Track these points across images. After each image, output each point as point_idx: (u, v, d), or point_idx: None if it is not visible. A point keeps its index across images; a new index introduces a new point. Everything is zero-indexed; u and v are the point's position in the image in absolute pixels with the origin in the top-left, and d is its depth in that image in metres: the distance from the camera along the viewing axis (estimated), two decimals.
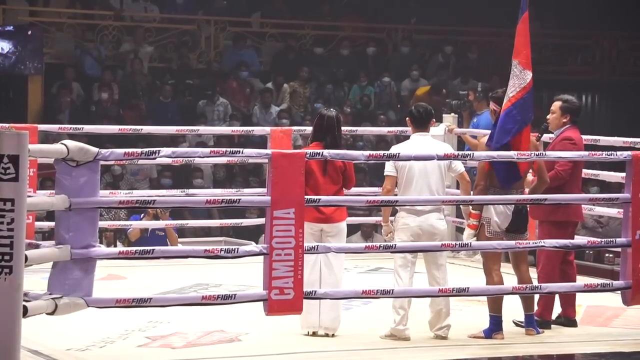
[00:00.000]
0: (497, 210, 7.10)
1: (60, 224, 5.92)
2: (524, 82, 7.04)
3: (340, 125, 7.27)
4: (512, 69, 7.08)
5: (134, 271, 9.30)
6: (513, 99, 7.04)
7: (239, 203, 6.44)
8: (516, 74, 7.06)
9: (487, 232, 7.12)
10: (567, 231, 7.37)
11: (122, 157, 6.15)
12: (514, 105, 7.03)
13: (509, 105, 7.05)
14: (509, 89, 7.08)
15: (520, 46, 7.08)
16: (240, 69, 16.15)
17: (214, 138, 14.61)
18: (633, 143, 8.85)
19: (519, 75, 7.05)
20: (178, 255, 7.50)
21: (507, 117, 7.04)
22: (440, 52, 17.76)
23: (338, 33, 17.70)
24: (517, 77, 7.06)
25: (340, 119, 7.31)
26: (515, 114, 7.03)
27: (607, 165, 11.55)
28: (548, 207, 7.22)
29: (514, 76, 7.07)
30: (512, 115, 7.04)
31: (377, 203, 7.06)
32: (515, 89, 7.05)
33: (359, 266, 9.79)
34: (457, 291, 6.85)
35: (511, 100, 7.05)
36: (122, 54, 16.12)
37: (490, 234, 7.11)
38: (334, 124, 7.22)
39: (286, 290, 6.27)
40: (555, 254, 7.35)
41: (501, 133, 7.06)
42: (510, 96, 7.06)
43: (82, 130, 9.92)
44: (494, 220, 7.11)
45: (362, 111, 16.24)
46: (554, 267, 7.40)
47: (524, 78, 7.04)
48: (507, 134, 7.03)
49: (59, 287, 5.89)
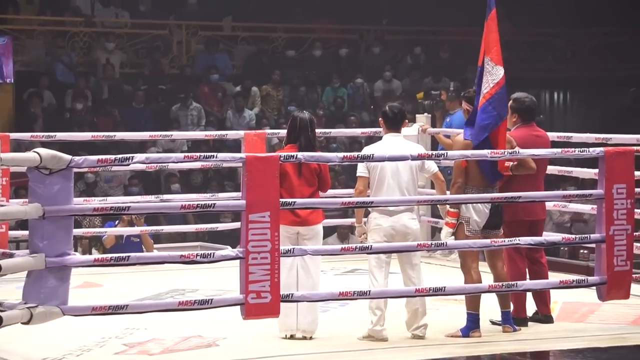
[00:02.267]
0: (476, 209, 7.12)
1: (35, 233, 5.89)
2: (497, 77, 7.08)
3: (313, 127, 7.28)
4: (484, 66, 7.11)
5: (110, 278, 9.26)
6: (487, 95, 7.08)
7: (214, 207, 6.42)
8: (488, 71, 7.09)
9: (467, 230, 7.14)
10: (518, 230, 7.24)
11: (96, 164, 6.13)
12: (488, 101, 7.07)
13: (484, 101, 7.08)
14: (482, 86, 7.11)
15: (490, 43, 7.11)
16: (210, 73, 16.12)
17: (189, 143, 14.59)
18: (605, 139, 8.89)
19: (492, 72, 7.09)
20: (154, 261, 7.47)
21: (484, 113, 7.07)
22: (412, 53, 17.80)
23: (310, 35, 17.71)
24: (489, 74, 7.09)
25: (313, 120, 7.32)
26: (491, 109, 7.07)
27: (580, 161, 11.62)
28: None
29: (486, 73, 7.10)
30: (488, 110, 7.07)
31: (352, 204, 7.07)
32: (489, 84, 7.08)
33: (335, 268, 9.80)
34: (433, 290, 6.86)
35: (485, 97, 7.08)
36: (93, 60, 16.07)
37: (470, 233, 7.13)
38: (307, 125, 7.22)
39: (263, 293, 6.27)
40: (514, 252, 7.37)
41: (479, 129, 7.08)
42: (484, 92, 7.09)
43: (54, 138, 9.87)
44: (473, 219, 7.13)
45: (336, 113, 16.26)
46: (517, 265, 7.41)
47: (496, 74, 7.08)
48: (485, 130, 7.06)
49: (34, 296, 5.86)
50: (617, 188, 6.93)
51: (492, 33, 7.11)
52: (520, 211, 7.34)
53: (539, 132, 7.59)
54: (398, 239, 7.13)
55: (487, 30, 7.12)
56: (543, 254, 7.62)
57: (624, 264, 6.98)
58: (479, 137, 7.09)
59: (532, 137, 7.46)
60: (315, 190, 7.16)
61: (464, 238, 7.12)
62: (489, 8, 7.12)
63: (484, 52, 7.13)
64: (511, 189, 7.17)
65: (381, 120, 7.39)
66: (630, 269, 7.02)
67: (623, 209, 6.95)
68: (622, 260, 6.97)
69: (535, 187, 7.36)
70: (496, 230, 7.21)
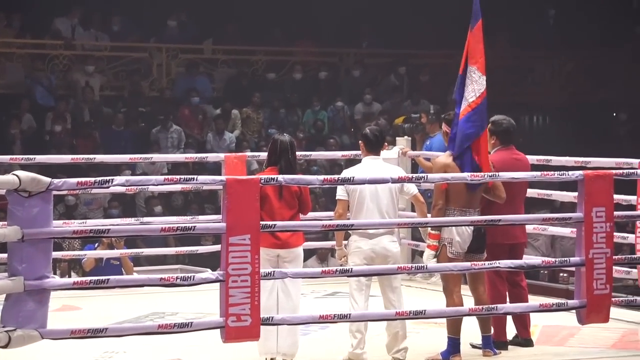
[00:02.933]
0: (459, 231, 7.12)
1: (13, 256, 5.86)
2: (482, 87, 7.09)
3: (294, 150, 7.28)
4: (470, 75, 7.08)
5: (89, 301, 9.22)
6: (473, 104, 7.07)
7: (194, 230, 6.41)
8: (475, 80, 7.08)
9: (449, 252, 7.13)
10: (498, 254, 7.23)
11: (75, 187, 6.12)
12: (474, 110, 7.07)
13: (469, 110, 7.07)
14: (467, 94, 7.08)
15: (476, 53, 7.10)
16: (191, 95, 16.12)
17: (169, 165, 14.57)
18: (584, 162, 8.93)
19: (478, 81, 7.08)
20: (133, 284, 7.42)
21: (468, 121, 7.06)
22: (393, 76, 17.86)
23: (290, 58, 17.75)
24: (476, 83, 7.08)
25: (293, 143, 7.32)
26: (476, 119, 7.07)
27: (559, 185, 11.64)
28: None
29: (472, 82, 7.08)
30: (473, 120, 7.07)
31: (332, 227, 7.06)
32: (475, 94, 7.08)
33: (315, 291, 9.78)
34: (414, 314, 6.85)
35: (471, 106, 7.07)
36: (73, 82, 16.04)
37: (453, 255, 7.12)
38: (287, 148, 7.22)
39: (243, 316, 6.25)
40: (495, 276, 7.37)
41: (463, 138, 7.07)
42: (470, 101, 7.07)
43: (34, 161, 9.84)
44: (456, 240, 7.11)
45: (316, 136, 16.28)
46: (497, 289, 7.41)
47: (482, 83, 7.09)
48: (469, 139, 7.06)
49: (13, 320, 5.83)
50: (596, 211, 6.95)
51: (478, 43, 7.11)
52: (500, 234, 7.34)
53: (518, 155, 7.60)
54: (378, 261, 7.13)
55: (472, 39, 7.11)
56: (523, 277, 7.63)
57: (603, 287, 6.99)
58: (463, 145, 7.08)
59: (511, 160, 7.48)
60: (296, 212, 7.15)
61: (447, 260, 7.10)
62: (475, 18, 7.12)
63: (469, 61, 7.11)
64: (490, 212, 7.18)
65: (361, 143, 7.40)
66: (610, 292, 7.03)
67: (602, 233, 6.96)
68: (601, 283, 6.98)
69: (514, 210, 7.37)
70: (480, 254, 7.20)
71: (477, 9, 7.12)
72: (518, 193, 7.45)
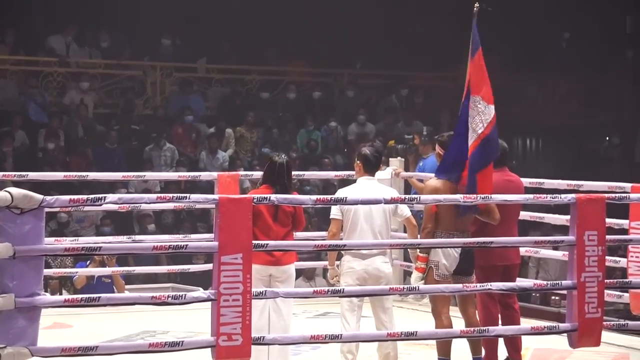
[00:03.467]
0: (445, 254, 7.12)
1: (4, 273, 5.84)
2: (490, 116, 7.05)
3: (290, 172, 7.29)
4: (474, 105, 7.04)
5: (80, 319, 9.19)
6: (482, 135, 7.03)
7: (186, 249, 6.40)
8: (481, 110, 7.03)
9: (436, 275, 7.14)
10: (495, 276, 7.26)
11: (68, 204, 6.10)
12: (483, 140, 7.04)
13: (479, 141, 7.04)
14: (475, 126, 7.04)
15: (479, 82, 7.05)
16: (184, 113, 16.13)
17: (161, 184, 14.56)
18: (577, 186, 8.94)
19: (485, 111, 7.03)
20: (125, 302, 7.43)
21: (477, 154, 7.03)
22: (386, 96, 17.90)
23: (284, 78, 17.78)
24: (482, 113, 7.02)
25: (290, 165, 7.33)
26: (486, 149, 7.03)
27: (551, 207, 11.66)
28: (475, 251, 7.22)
29: (479, 113, 7.02)
30: (483, 151, 7.03)
31: (324, 247, 7.06)
32: (483, 124, 7.03)
33: (307, 311, 9.77)
34: (405, 335, 6.84)
35: (480, 137, 7.03)
36: (66, 100, 16.05)
37: (439, 277, 7.13)
38: (284, 171, 7.23)
39: (234, 336, 6.24)
40: (487, 298, 7.36)
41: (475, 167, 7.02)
42: (479, 132, 7.04)
43: (26, 178, 9.82)
44: (442, 263, 7.13)
45: (309, 155, 16.29)
46: (489, 311, 7.41)
47: (489, 113, 7.04)
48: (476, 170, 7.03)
49: (3, 337, 5.80)
50: (588, 235, 6.94)
51: (481, 71, 7.05)
52: (495, 256, 7.34)
53: (512, 177, 7.61)
54: (371, 282, 7.13)
55: (474, 68, 7.05)
56: (516, 300, 7.62)
57: (595, 311, 6.98)
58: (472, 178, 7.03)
59: (504, 182, 7.48)
60: (290, 230, 7.16)
61: (434, 283, 7.11)
62: (475, 46, 7.07)
63: (472, 91, 7.06)
64: (485, 233, 7.18)
65: (359, 163, 7.41)
66: (601, 316, 7.01)
67: (594, 256, 6.96)
68: (593, 307, 6.97)
69: (508, 232, 7.37)
70: (467, 277, 7.20)
71: (477, 37, 7.06)
72: (511, 215, 7.46)
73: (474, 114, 7.04)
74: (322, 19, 18.02)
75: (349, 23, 18.36)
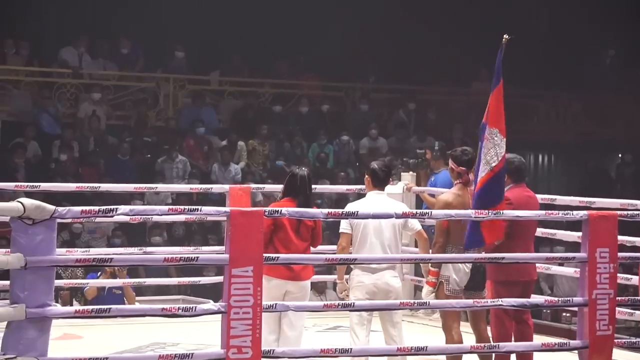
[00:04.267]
0: (455, 268, 7.11)
1: (16, 283, 5.85)
2: (503, 150, 7.08)
3: (311, 185, 7.30)
4: (491, 137, 7.06)
5: (91, 330, 9.20)
6: (496, 168, 7.04)
7: (197, 261, 6.40)
8: (497, 143, 7.05)
9: (446, 290, 7.13)
10: (515, 291, 7.24)
11: (79, 215, 6.11)
12: (496, 174, 7.05)
13: (492, 175, 7.04)
14: (490, 158, 7.05)
15: (496, 115, 7.09)
16: (196, 126, 16.16)
17: (173, 196, 14.58)
18: (589, 202, 8.92)
19: (500, 144, 7.06)
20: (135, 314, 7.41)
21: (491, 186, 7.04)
22: (399, 111, 17.90)
23: (296, 91, 17.81)
24: (498, 146, 7.05)
25: (311, 178, 7.34)
26: (497, 183, 7.04)
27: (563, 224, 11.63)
28: (494, 266, 7.21)
29: (494, 145, 7.05)
30: (493, 188, 7.03)
31: (335, 261, 7.06)
32: (497, 158, 7.05)
33: (317, 324, 9.75)
34: (415, 350, 6.83)
35: (494, 170, 7.04)
36: (80, 111, 16.09)
37: (450, 292, 7.12)
38: (306, 183, 7.26)
39: (244, 349, 6.23)
40: (503, 313, 7.33)
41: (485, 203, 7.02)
42: (492, 165, 7.04)
43: (38, 188, 9.83)
44: (452, 278, 7.12)
45: (321, 169, 16.30)
46: (504, 326, 7.38)
47: (503, 146, 7.07)
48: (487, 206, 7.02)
49: (13, 347, 5.81)
50: (600, 252, 6.93)
51: (499, 105, 7.08)
52: (517, 272, 7.29)
53: (530, 193, 7.61)
54: (380, 296, 7.12)
55: (495, 101, 7.09)
56: (529, 315, 7.61)
57: (606, 328, 6.96)
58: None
59: (525, 197, 7.47)
60: (309, 245, 7.18)
61: (444, 298, 7.10)
62: (497, 79, 7.09)
63: (490, 123, 7.08)
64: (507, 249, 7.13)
65: (368, 177, 7.41)
66: (612, 333, 7.00)
67: (606, 273, 6.94)
68: (604, 324, 6.95)
69: (528, 248, 7.38)
70: (478, 292, 7.19)
71: (499, 70, 7.09)
72: (531, 231, 7.46)
73: (490, 146, 7.06)
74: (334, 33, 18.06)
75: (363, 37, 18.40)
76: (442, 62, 18.10)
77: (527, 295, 7.39)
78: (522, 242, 7.31)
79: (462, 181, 7.29)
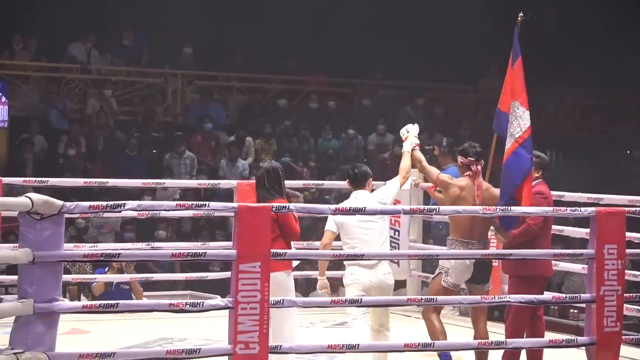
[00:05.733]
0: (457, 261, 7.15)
1: (24, 278, 5.86)
2: (528, 122, 7.15)
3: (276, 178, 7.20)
4: (513, 111, 7.16)
5: (98, 325, 9.21)
6: (520, 139, 7.12)
7: (204, 256, 6.41)
8: (519, 115, 7.15)
9: (443, 281, 7.17)
10: (536, 286, 7.28)
11: (87, 210, 6.11)
12: (522, 145, 7.10)
13: (517, 145, 7.11)
14: (513, 130, 7.13)
15: (518, 88, 7.20)
16: (204, 122, 16.16)
17: (180, 191, 14.59)
18: (597, 199, 8.91)
19: (523, 116, 7.16)
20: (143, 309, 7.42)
21: (518, 157, 7.08)
22: (407, 107, 17.88)
23: (304, 87, 17.80)
24: (520, 118, 7.16)
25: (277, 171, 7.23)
26: (525, 153, 7.10)
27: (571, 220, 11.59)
28: (517, 261, 7.19)
29: (517, 117, 7.15)
30: (523, 154, 7.10)
31: (342, 257, 7.07)
32: (521, 129, 7.13)
33: (324, 320, 9.76)
34: (422, 346, 6.84)
35: (518, 141, 7.12)
36: (88, 107, 16.10)
37: (446, 284, 7.15)
38: (264, 178, 7.22)
39: (251, 344, 6.24)
40: (524, 309, 7.32)
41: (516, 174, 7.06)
42: (517, 137, 7.12)
43: (46, 183, 9.85)
44: (452, 271, 7.16)
45: (328, 164, 16.29)
46: (521, 322, 7.37)
47: (527, 118, 7.16)
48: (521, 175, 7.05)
49: (21, 342, 5.82)
50: (608, 248, 6.93)
51: (520, 79, 7.19)
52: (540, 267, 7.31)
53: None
54: (374, 292, 7.21)
55: (513, 75, 7.22)
56: (542, 311, 7.60)
57: (613, 324, 6.96)
58: (516, 181, 7.06)
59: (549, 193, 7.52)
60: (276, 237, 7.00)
61: (439, 287, 7.15)
62: (515, 55, 7.23)
63: (512, 96, 7.18)
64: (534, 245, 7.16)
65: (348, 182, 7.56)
66: (620, 330, 7.00)
67: (614, 270, 6.94)
68: (612, 321, 6.95)
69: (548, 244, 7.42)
70: (482, 285, 7.20)
71: (517, 46, 7.23)
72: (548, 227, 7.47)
73: (512, 119, 7.15)
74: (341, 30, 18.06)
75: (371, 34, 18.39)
76: (449, 58, 18.08)
77: (543, 291, 7.40)
78: (545, 238, 7.37)
79: (471, 173, 7.31)
